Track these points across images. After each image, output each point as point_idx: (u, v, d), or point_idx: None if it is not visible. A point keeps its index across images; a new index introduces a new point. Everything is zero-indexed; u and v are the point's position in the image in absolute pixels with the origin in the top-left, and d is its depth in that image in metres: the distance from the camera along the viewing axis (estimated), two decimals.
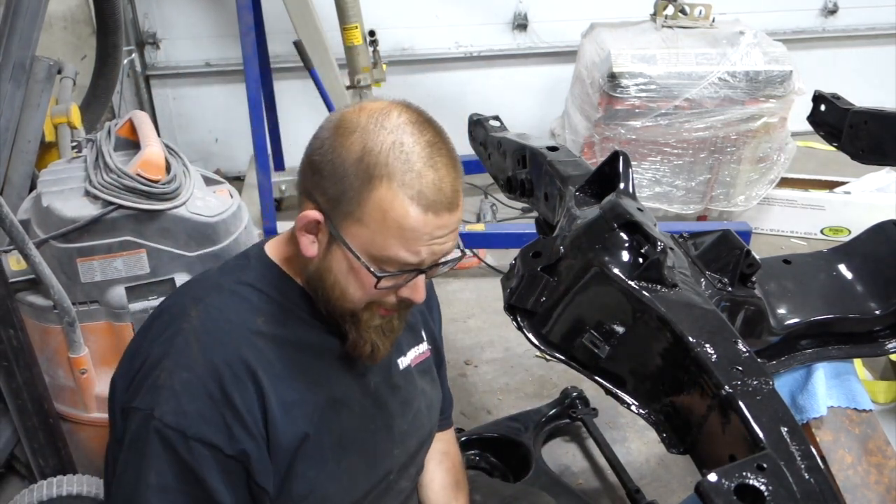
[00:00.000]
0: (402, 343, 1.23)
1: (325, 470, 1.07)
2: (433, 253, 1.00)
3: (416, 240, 0.97)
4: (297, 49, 3.19)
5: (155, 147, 1.75)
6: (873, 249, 1.36)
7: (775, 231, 3.67)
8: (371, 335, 1.07)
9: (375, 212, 0.96)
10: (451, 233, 1.01)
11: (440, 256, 1.02)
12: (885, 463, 1.27)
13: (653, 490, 2.10)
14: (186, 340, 1.00)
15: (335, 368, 1.11)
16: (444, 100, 4.12)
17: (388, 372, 1.20)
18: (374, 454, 1.16)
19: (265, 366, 1.02)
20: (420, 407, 1.25)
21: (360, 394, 1.14)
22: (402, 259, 0.98)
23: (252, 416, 0.99)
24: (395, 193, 0.95)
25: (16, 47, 2.06)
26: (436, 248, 0.99)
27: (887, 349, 1.32)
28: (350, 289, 1.02)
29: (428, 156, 0.97)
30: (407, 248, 0.97)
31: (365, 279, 1.00)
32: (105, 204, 1.67)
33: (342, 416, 1.11)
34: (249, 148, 3.17)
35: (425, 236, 0.97)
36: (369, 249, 0.98)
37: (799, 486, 0.74)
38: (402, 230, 0.96)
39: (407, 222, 0.95)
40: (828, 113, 1.73)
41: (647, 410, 0.99)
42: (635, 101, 3.17)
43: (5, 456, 1.91)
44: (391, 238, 0.96)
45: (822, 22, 4.60)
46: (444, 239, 1.00)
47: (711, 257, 1.17)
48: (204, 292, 1.07)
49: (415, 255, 0.98)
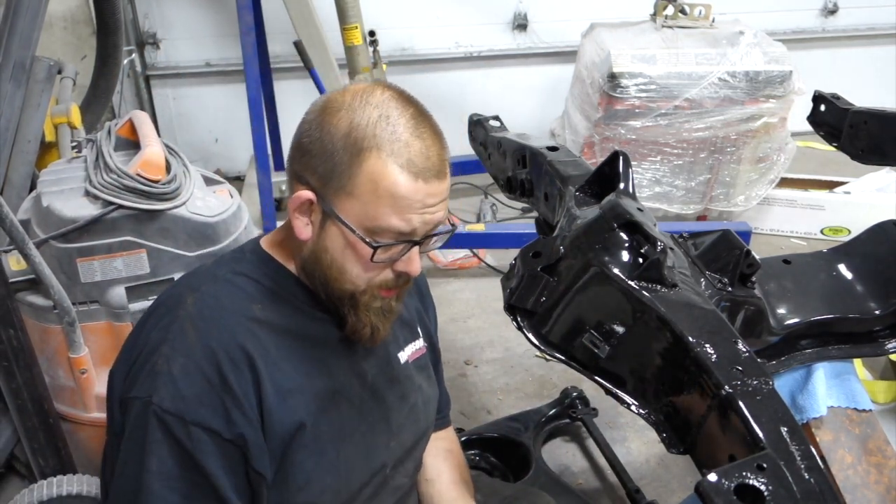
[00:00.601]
0: (399, 338, 1.24)
1: (323, 460, 1.07)
2: (425, 222, 1.02)
3: (407, 207, 0.99)
4: (297, 49, 3.19)
5: (155, 147, 1.75)
6: (873, 249, 1.36)
7: (775, 231, 3.67)
8: (371, 317, 1.07)
9: (366, 183, 0.98)
10: (441, 202, 1.03)
11: (432, 227, 1.04)
12: (885, 463, 1.27)
13: (653, 490, 2.10)
14: (183, 327, 1.01)
15: (333, 358, 1.12)
16: (444, 100, 4.12)
17: (386, 365, 1.20)
18: (370, 446, 1.16)
19: (262, 352, 1.02)
20: (417, 402, 1.25)
21: (358, 386, 1.14)
22: (395, 228, 1.00)
23: (249, 402, 0.99)
24: (385, 163, 0.98)
25: (16, 47, 2.07)
26: (427, 216, 1.02)
27: (887, 349, 1.32)
28: (348, 265, 1.03)
29: (414, 126, 1.01)
30: (399, 217, 0.99)
31: (361, 252, 1.02)
32: (105, 204, 1.67)
33: (341, 407, 1.11)
34: (249, 148, 3.17)
35: (416, 204, 1.00)
36: (363, 222, 1.00)
37: (799, 486, 0.74)
38: (393, 198, 0.98)
39: (398, 190, 0.98)
40: (828, 113, 1.73)
41: (647, 410, 0.99)
42: (635, 101, 3.17)
43: (5, 456, 1.91)
44: (383, 207, 0.99)
45: (822, 22, 4.61)
46: (435, 208, 1.02)
47: (711, 257, 1.17)
48: (199, 282, 1.08)
49: (407, 224, 1.00)
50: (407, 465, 1.26)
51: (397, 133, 0.99)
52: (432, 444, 1.37)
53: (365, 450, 1.15)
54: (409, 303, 1.32)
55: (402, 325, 1.26)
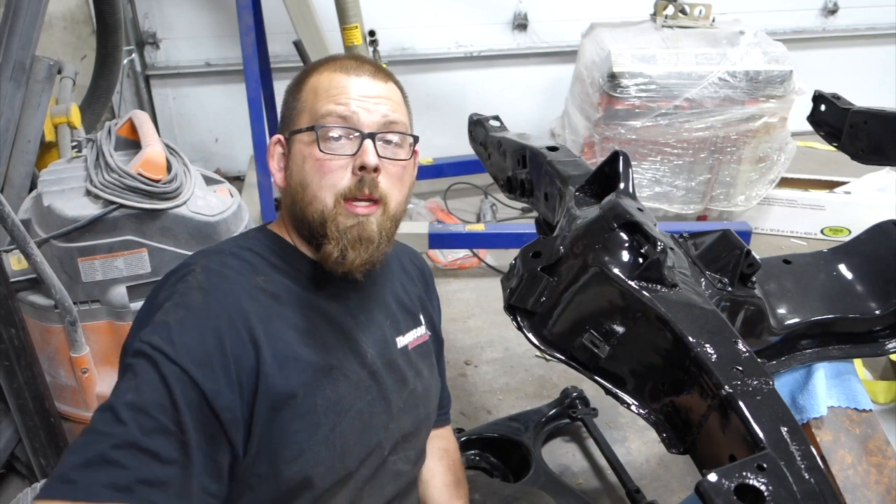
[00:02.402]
0: (400, 323, 1.26)
1: (317, 434, 1.07)
2: (367, 110, 1.11)
3: (342, 94, 1.11)
4: (297, 49, 3.19)
5: (156, 146, 1.75)
6: (873, 249, 1.36)
7: (775, 231, 3.68)
8: (342, 240, 1.08)
9: (309, 92, 1.14)
10: (383, 99, 1.13)
11: (380, 121, 1.11)
12: (885, 463, 1.27)
13: (653, 490, 2.11)
14: (189, 290, 1.03)
15: (332, 334, 1.13)
16: (444, 100, 4.12)
17: (385, 348, 1.21)
18: (366, 424, 1.15)
19: (263, 319, 1.04)
20: (416, 387, 1.26)
21: (356, 364, 1.15)
22: (333, 111, 1.10)
23: (239, 367, 0.99)
24: (321, 72, 1.15)
25: (16, 47, 2.07)
26: (367, 105, 1.11)
27: (887, 349, 1.32)
28: (308, 177, 1.10)
29: (352, 57, 1.18)
30: (336, 102, 1.10)
31: (316, 155, 1.09)
32: (106, 203, 1.67)
33: (338, 382, 1.11)
34: (249, 148, 3.17)
35: (352, 91, 1.11)
36: (310, 123, 1.11)
37: (799, 486, 0.74)
38: (328, 90, 1.12)
39: (333, 83, 1.12)
40: (828, 113, 1.73)
41: (647, 410, 0.99)
42: (635, 101, 3.17)
43: (6, 456, 1.91)
44: (322, 99, 1.11)
45: (822, 22, 4.61)
46: (374, 100, 1.12)
47: (711, 257, 1.17)
48: (206, 257, 1.11)
49: (345, 107, 1.10)
50: (407, 451, 1.25)
51: (335, 58, 1.18)
52: (429, 442, 1.37)
53: (361, 426, 1.14)
54: (412, 290, 1.33)
55: (403, 311, 1.28)
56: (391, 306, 1.26)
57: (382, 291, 1.25)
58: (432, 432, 1.38)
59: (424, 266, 1.43)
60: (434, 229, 3.08)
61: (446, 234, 3.11)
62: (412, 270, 1.38)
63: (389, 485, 1.22)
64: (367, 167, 1.08)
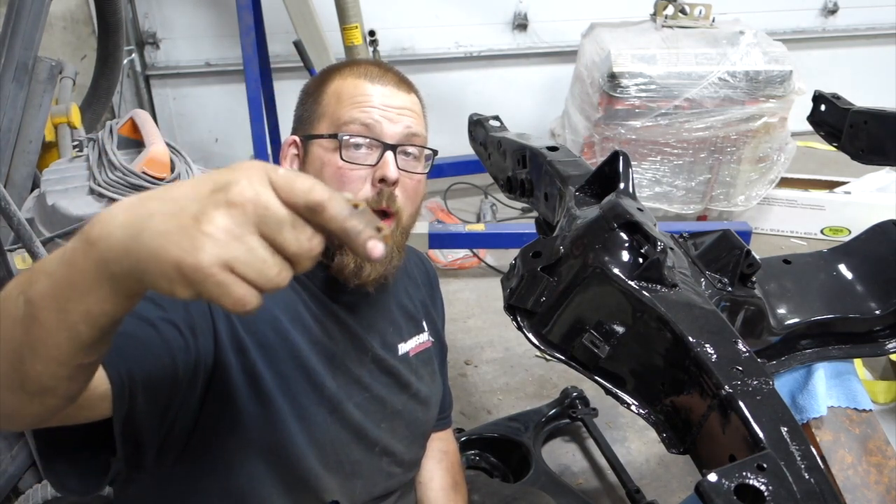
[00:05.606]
0: (402, 330, 1.26)
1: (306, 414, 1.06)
2: (390, 120, 1.09)
3: (366, 102, 1.09)
4: (297, 49, 3.20)
5: (160, 145, 1.76)
6: (873, 249, 1.36)
7: (775, 231, 3.68)
8: None
9: (331, 97, 1.12)
10: (406, 110, 1.11)
11: (402, 133, 1.10)
12: (885, 463, 1.27)
13: (653, 490, 2.11)
14: None
15: (337, 326, 1.13)
16: (444, 100, 4.12)
17: (388, 353, 1.21)
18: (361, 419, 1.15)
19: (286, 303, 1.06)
20: (417, 393, 1.26)
21: (356, 359, 1.15)
22: (357, 119, 1.08)
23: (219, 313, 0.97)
24: (345, 77, 1.12)
25: (18, 48, 2.07)
26: (390, 115, 1.09)
27: (887, 349, 1.32)
28: (326, 181, 1.06)
29: (376, 64, 1.16)
30: (360, 110, 1.08)
31: (336, 163, 1.07)
32: (110, 201, 1.68)
33: (337, 371, 1.11)
34: (249, 148, 3.17)
35: (375, 99, 1.09)
36: (331, 129, 1.09)
37: (799, 486, 0.74)
38: (353, 97, 1.09)
39: (358, 90, 1.10)
40: (828, 113, 1.73)
41: (647, 410, 0.99)
42: (635, 101, 3.17)
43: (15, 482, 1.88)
44: (346, 107, 1.09)
45: (822, 22, 4.61)
46: (397, 110, 1.10)
47: (711, 257, 1.17)
48: None
49: (368, 115, 1.08)
50: (403, 455, 1.24)
51: (359, 63, 1.15)
52: (429, 444, 1.37)
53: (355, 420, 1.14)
54: (416, 296, 1.33)
55: (406, 317, 1.28)
56: (394, 312, 1.26)
57: (387, 298, 1.24)
58: (433, 435, 1.38)
59: (430, 269, 1.43)
60: (434, 229, 3.08)
61: (446, 234, 3.11)
62: (417, 274, 1.37)
63: (380, 483, 1.22)
64: (387, 180, 1.07)
